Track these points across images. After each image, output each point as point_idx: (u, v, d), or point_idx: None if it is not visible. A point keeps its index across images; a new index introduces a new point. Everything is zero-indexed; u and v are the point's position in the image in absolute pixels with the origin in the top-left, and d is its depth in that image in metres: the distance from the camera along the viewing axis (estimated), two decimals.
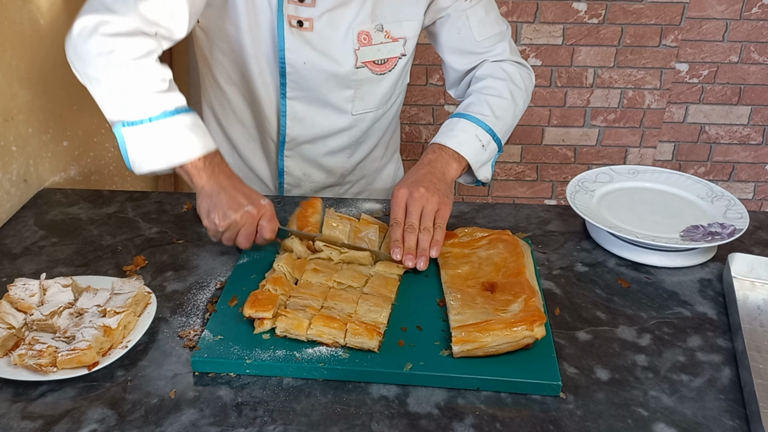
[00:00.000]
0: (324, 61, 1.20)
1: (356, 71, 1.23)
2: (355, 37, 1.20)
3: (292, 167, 1.36)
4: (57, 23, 1.51)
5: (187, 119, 1.04)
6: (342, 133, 1.32)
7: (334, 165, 1.37)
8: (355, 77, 1.24)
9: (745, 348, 0.91)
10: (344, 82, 1.24)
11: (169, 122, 1.02)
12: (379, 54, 1.23)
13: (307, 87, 1.23)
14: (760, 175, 2.56)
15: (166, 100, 1.02)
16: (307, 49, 1.19)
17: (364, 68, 1.23)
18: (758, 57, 2.33)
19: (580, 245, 1.21)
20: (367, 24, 1.20)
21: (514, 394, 0.88)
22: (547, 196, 2.66)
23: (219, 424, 0.83)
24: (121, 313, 0.94)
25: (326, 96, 1.25)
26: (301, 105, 1.26)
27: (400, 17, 1.22)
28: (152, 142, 1.02)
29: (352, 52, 1.21)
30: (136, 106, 1.01)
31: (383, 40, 1.22)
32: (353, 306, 0.98)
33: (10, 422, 0.83)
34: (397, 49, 1.25)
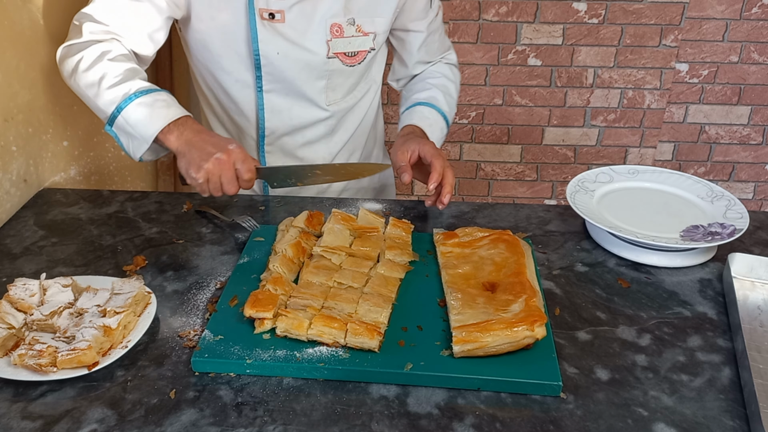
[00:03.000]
0: (297, 50, 1.25)
1: (328, 61, 1.28)
2: (327, 28, 1.25)
3: (273, 163, 1.40)
4: (57, 23, 1.51)
5: (145, 99, 1.14)
6: (318, 123, 1.37)
7: (313, 157, 1.41)
8: (327, 67, 1.29)
9: (745, 348, 0.91)
10: (317, 73, 1.29)
11: (129, 109, 1.14)
12: (350, 46, 1.28)
13: (282, 78, 1.28)
14: (760, 175, 2.56)
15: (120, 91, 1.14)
16: (280, 40, 1.23)
17: (335, 59, 1.28)
18: (758, 57, 2.33)
19: (580, 245, 1.21)
20: (340, 17, 1.25)
21: (514, 394, 0.88)
22: (547, 196, 2.66)
23: (219, 424, 0.83)
24: (121, 313, 0.94)
25: (301, 87, 1.30)
26: (278, 97, 1.31)
27: (372, 13, 1.28)
28: (129, 130, 1.16)
29: (325, 43, 1.26)
30: (103, 106, 1.16)
31: (354, 34, 1.27)
32: (354, 306, 0.98)
33: (10, 422, 0.83)
34: (367, 43, 1.30)
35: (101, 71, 1.16)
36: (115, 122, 1.16)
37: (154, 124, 1.13)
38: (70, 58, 1.19)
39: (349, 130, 1.43)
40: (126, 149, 1.20)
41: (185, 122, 1.15)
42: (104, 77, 1.15)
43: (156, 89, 1.16)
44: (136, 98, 1.14)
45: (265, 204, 1.35)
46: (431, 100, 1.39)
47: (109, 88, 1.15)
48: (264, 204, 1.35)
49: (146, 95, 1.14)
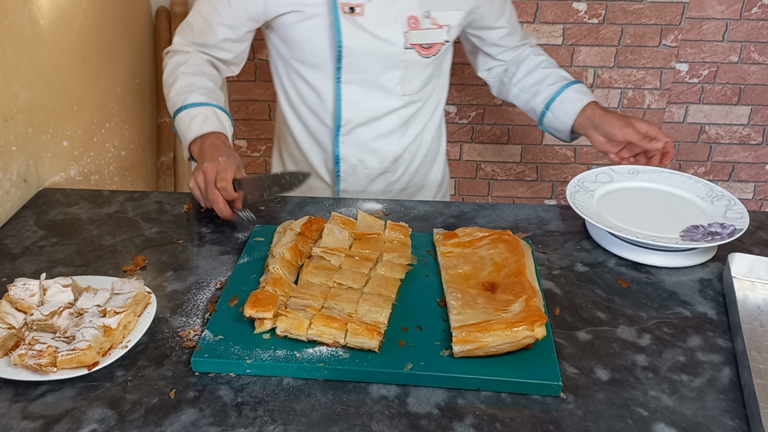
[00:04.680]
0: (376, 42, 1.32)
1: (405, 52, 1.34)
2: (405, 20, 1.32)
3: (347, 153, 1.45)
4: (57, 23, 1.51)
5: (191, 111, 1.29)
6: (392, 114, 1.42)
7: (386, 149, 1.46)
8: (404, 58, 1.35)
9: (745, 348, 0.91)
10: (394, 63, 1.35)
11: (179, 116, 1.31)
12: (425, 38, 1.35)
13: (361, 69, 1.34)
14: (760, 175, 2.56)
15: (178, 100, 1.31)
16: (361, 32, 1.30)
17: (412, 50, 1.35)
18: (758, 57, 2.33)
19: (580, 245, 1.21)
20: (416, 10, 1.32)
21: (514, 394, 0.88)
22: (547, 196, 2.66)
23: (219, 424, 0.83)
24: (121, 313, 0.94)
25: (377, 78, 1.37)
26: (355, 88, 1.37)
27: (447, 6, 1.35)
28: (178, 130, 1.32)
29: (402, 34, 1.32)
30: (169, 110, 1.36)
31: (429, 26, 1.34)
32: (354, 306, 0.98)
33: (10, 422, 0.83)
34: (442, 35, 1.36)
35: (173, 79, 1.35)
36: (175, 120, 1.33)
37: (188, 134, 1.28)
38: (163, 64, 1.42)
39: (419, 124, 1.48)
40: None
41: (209, 137, 1.25)
42: (173, 86, 1.34)
43: (203, 104, 1.30)
44: (184, 109, 1.30)
45: (265, 204, 1.35)
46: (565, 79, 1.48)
47: (173, 97, 1.33)
48: (264, 204, 1.35)
49: (194, 108, 1.29)
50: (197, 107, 1.29)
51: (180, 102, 1.30)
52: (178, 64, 1.35)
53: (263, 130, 2.42)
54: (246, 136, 2.44)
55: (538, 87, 1.49)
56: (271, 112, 2.39)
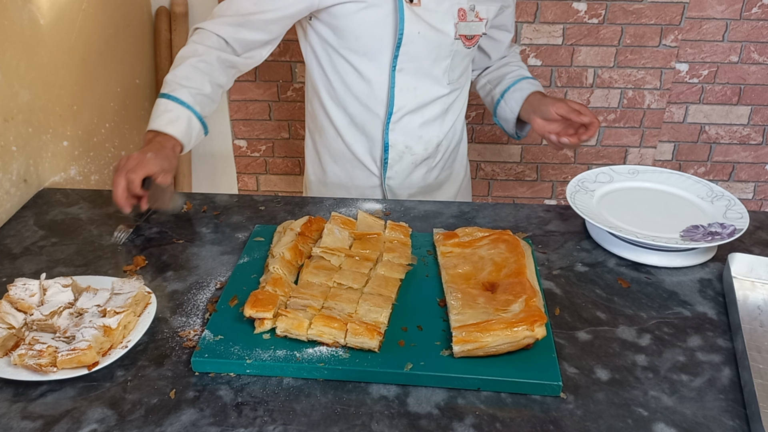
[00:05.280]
0: (432, 32, 1.36)
1: (454, 42, 1.40)
2: (455, 12, 1.37)
3: (395, 141, 1.47)
4: (57, 23, 1.51)
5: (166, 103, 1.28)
6: (437, 101, 1.47)
7: (430, 135, 1.51)
8: (453, 48, 1.40)
9: (745, 348, 0.91)
10: (444, 53, 1.40)
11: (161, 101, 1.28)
12: (470, 30, 1.41)
13: (415, 57, 1.38)
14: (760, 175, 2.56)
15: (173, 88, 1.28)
16: (420, 21, 1.34)
17: (459, 41, 1.40)
18: (758, 57, 2.33)
19: (580, 245, 1.21)
20: (464, 2, 1.38)
21: (514, 394, 0.88)
22: (547, 196, 2.66)
23: (219, 424, 0.83)
24: (121, 313, 0.94)
25: (429, 66, 1.41)
26: (408, 76, 1.40)
27: (489, 1, 1.42)
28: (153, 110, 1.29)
29: (453, 25, 1.38)
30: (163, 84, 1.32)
31: (473, 19, 1.40)
32: (354, 306, 0.98)
33: (10, 422, 0.83)
34: (481, 27, 1.43)
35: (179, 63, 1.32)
36: None
37: (152, 122, 1.27)
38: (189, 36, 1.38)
39: (456, 111, 1.54)
40: None
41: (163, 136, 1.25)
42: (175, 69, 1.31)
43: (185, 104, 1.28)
44: (166, 98, 1.28)
45: (265, 204, 1.35)
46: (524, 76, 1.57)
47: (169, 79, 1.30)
48: (264, 204, 1.35)
49: (173, 102, 1.28)
50: (177, 104, 1.28)
51: (168, 89, 1.29)
52: (195, 53, 1.32)
53: (263, 130, 2.42)
54: (246, 136, 2.44)
55: (500, 78, 1.59)
56: (271, 112, 2.39)
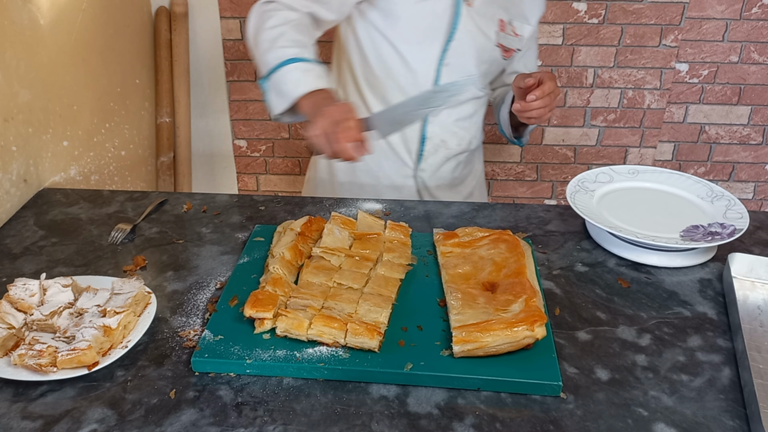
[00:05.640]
0: (479, 33, 1.41)
1: (494, 49, 1.45)
2: (496, 21, 1.42)
3: (433, 134, 1.51)
4: (57, 23, 1.51)
5: (305, 66, 1.24)
6: (472, 100, 1.53)
7: (463, 132, 1.55)
8: (491, 54, 1.45)
9: (745, 348, 0.91)
10: (484, 57, 1.44)
11: (289, 68, 1.24)
12: (507, 42, 1.46)
13: (460, 54, 1.41)
14: (760, 175, 2.56)
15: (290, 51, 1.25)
16: (471, 21, 1.39)
17: (498, 49, 1.45)
18: (758, 57, 2.32)
19: (580, 245, 1.21)
20: (504, 15, 1.43)
21: (514, 394, 0.88)
22: (547, 196, 2.66)
23: (219, 424, 0.83)
24: (121, 313, 0.94)
25: (471, 67, 1.44)
26: (452, 72, 1.43)
27: (524, 20, 1.46)
28: (281, 87, 1.25)
29: (494, 32, 1.43)
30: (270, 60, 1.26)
31: (510, 33, 1.45)
32: (354, 306, 0.98)
33: (10, 422, 0.83)
34: (516, 43, 1.47)
35: (281, 32, 1.27)
36: (271, 77, 1.26)
37: (301, 87, 1.22)
38: (261, 16, 1.32)
39: (482, 113, 1.59)
40: (269, 104, 1.29)
41: (321, 92, 1.22)
42: (281, 37, 1.27)
43: (318, 62, 1.26)
44: (298, 62, 1.24)
45: (265, 204, 1.35)
46: None
47: (281, 47, 1.26)
48: (264, 204, 1.35)
49: (307, 63, 1.24)
50: (311, 63, 1.25)
51: (291, 54, 1.24)
52: (288, 19, 1.30)
53: (263, 130, 2.42)
54: (246, 136, 2.44)
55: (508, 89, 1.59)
56: None
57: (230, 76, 2.30)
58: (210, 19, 2.21)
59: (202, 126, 2.39)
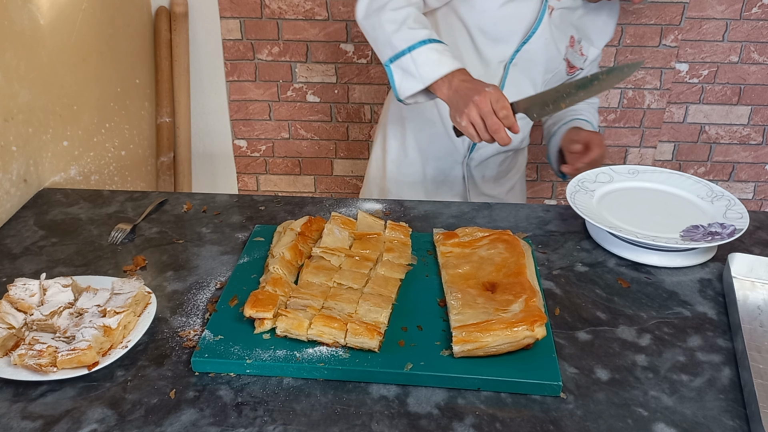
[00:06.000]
0: (552, 43, 1.42)
1: (561, 62, 1.46)
2: (568, 36, 1.44)
3: None
4: (57, 23, 1.51)
5: (437, 47, 1.25)
6: None
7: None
8: (557, 66, 1.47)
9: (745, 348, 0.91)
10: (549, 66, 1.46)
11: (422, 50, 1.24)
12: (573, 58, 1.48)
13: (531, 59, 1.43)
14: (760, 175, 2.56)
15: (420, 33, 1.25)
16: (548, 29, 1.40)
17: (564, 63, 1.47)
18: (758, 57, 2.32)
19: (580, 245, 1.21)
20: (575, 32, 1.45)
21: (514, 394, 0.88)
22: (547, 196, 2.66)
23: (219, 424, 0.83)
24: (121, 313, 0.94)
25: (537, 72, 1.47)
26: (519, 73, 1.46)
27: (591, 41, 1.49)
28: (411, 69, 1.25)
29: (564, 46, 1.45)
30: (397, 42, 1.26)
31: (577, 51, 1.48)
32: (354, 306, 0.98)
33: (10, 422, 0.83)
34: (581, 62, 1.49)
35: (407, 14, 1.28)
36: (399, 59, 1.26)
37: (439, 69, 1.23)
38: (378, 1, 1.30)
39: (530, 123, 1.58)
40: (396, 87, 1.29)
41: (458, 73, 1.23)
42: (408, 19, 1.27)
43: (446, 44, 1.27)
44: (430, 43, 1.25)
45: (265, 204, 1.35)
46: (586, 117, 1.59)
47: (410, 29, 1.26)
48: (264, 204, 1.35)
49: (440, 44, 1.26)
50: (443, 44, 1.26)
51: (423, 35, 1.25)
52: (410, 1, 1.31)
53: (263, 130, 2.42)
54: (246, 136, 2.44)
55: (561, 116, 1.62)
56: (271, 112, 2.39)
57: (230, 76, 2.30)
58: (210, 19, 2.21)
59: (202, 126, 2.39)
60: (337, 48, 2.22)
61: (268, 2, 2.16)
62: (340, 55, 2.24)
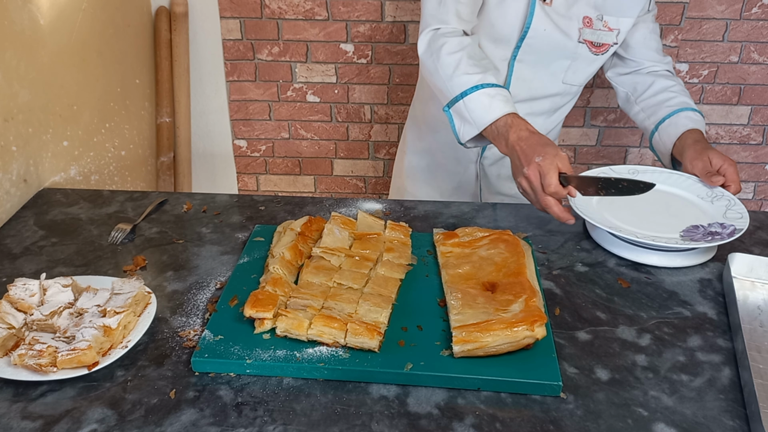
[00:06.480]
0: (557, 32, 1.40)
1: (578, 45, 1.43)
2: (580, 18, 1.41)
3: None
4: (57, 23, 1.51)
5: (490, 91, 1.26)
6: (548, 98, 1.52)
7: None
8: (576, 51, 1.43)
9: (745, 348, 0.91)
10: (565, 53, 1.44)
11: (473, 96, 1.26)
12: (596, 38, 1.44)
13: (537, 51, 1.42)
14: (760, 175, 2.56)
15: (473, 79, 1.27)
16: (547, 20, 1.39)
17: (584, 45, 1.43)
18: (758, 57, 2.32)
19: (580, 245, 1.21)
20: (591, 11, 1.41)
21: (514, 394, 0.88)
22: None
23: (219, 424, 0.83)
24: (121, 313, 0.94)
25: (548, 62, 1.45)
26: (526, 67, 1.45)
27: (619, 13, 1.43)
28: (465, 115, 1.28)
29: (576, 30, 1.41)
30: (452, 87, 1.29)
31: (601, 28, 1.43)
32: (354, 306, 0.98)
33: (10, 422, 0.83)
34: (611, 37, 1.45)
35: (460, 58, 1.30)
36: (455, 105, 1.29)
37: (490, 114, 1.24)
38: (437, 41, 1.33)
39: (562, 114, 1.58)
40: (457, 132, 1.32)
41: (514, 123, 1.22)
42: (461, 63, 1.29)
43: (501, 86, 1.28)
44: (483, 88, 1.26)
45: (265, 204, 1.35)
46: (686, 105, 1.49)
47: (464, 74, 1.28)
48: (264, 204, 1.35)
49: (492, 88, 1.27)
50: (496, 88, 1.27)
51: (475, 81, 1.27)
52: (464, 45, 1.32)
53: (263, 130, 2.42)
54: (246, 136, 2.44)
55: (657, 107, 1.52)
56: (271, 112, 2.39)
57: (230, 76, 2.30)
58: (210, 19, 2.21)
59: (202, 126, 2.39)
60: (337, 48, 2.22)
61: (268, 2, 2.16)
62: (340, 55, 2.24)
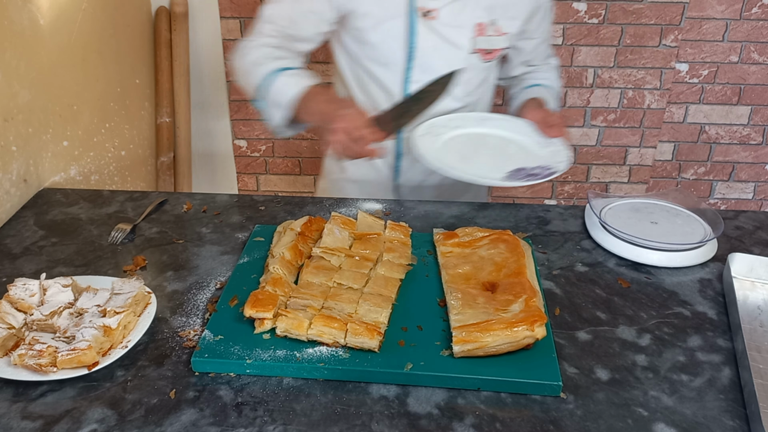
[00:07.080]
0: (446, 46, 1.37)
1: (469, 56, 1.40)
2: (473, 26, 1.37)
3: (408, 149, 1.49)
4: (57, 23, 1.51)
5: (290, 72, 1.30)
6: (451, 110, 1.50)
7: None
8: (468, 62, 1.40)
9: (745, 348, 0.91)
10: (453, 66, 1.37)
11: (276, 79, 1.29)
12: (488, 44, 1.41)
13: (429, 69, 1.37)
14: (760, 175, 2.56)
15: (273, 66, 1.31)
16: (433, 35, 1.35)
17: (476, 55, 1.40)
18: (758, 57, 2.33)
19: (580, 245, 1.21)
20: (484, 17, 1.37)
21: (514, 394, 0.88)
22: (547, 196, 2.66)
23: (219, 424, 0.83)
24: (121, 313, 0.94)
25: None
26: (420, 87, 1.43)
27: (509, 15, 1.40)
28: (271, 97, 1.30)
29: (469, 39, 1.38)
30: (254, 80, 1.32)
31: (493, 33, 1.39)
32: (354, 306, 0.98)
33: (10, 422, 0.83)
34: (502, 42, 1.42)
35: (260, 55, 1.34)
36: (260, 92, 1.31)
37: (293, 89, 1.28)
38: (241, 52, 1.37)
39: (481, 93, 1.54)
40: (268, 119, 1.35)
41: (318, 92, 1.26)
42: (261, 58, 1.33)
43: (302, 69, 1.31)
44: (283, 70, 1.30)
45: (265, 204, 1.35)
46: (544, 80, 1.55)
47: (262, 65, 1.32)
48: (264, 204, 1.35)
49: (292, 69, 1.30)
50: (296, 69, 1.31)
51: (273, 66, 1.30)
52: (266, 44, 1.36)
53: (263, 130, 2.42)
54: (246, 136, 2.44)
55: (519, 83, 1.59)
56: None
57: (230, 76, 2.30)
58: (210, 19, 2.21)
59: (202, 126, 2.39)
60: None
61: None
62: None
